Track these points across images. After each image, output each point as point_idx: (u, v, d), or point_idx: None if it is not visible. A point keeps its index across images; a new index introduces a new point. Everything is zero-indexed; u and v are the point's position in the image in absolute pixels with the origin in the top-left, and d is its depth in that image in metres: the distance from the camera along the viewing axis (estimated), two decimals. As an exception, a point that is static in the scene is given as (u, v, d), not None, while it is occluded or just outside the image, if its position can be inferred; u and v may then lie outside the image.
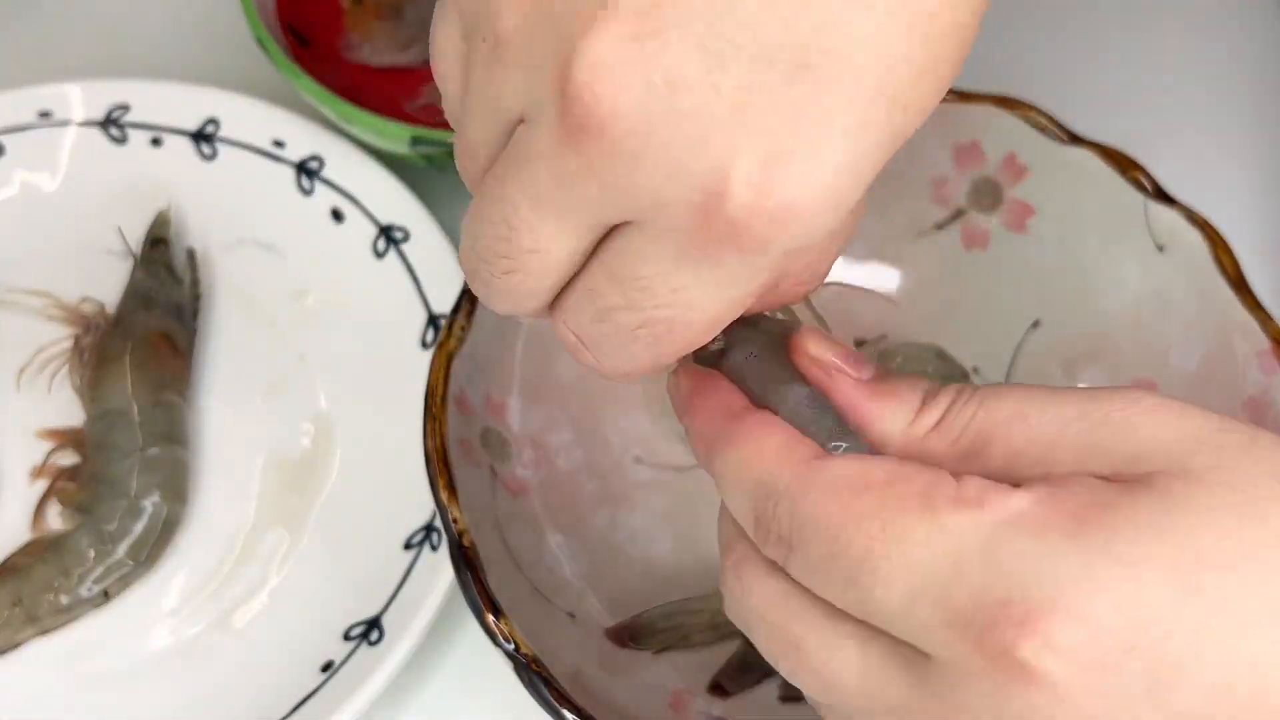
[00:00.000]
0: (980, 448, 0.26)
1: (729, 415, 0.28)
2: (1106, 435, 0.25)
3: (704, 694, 0.42)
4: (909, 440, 0.27)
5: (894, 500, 0.24)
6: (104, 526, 0.45)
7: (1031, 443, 0.25)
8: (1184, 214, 0.42)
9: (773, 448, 0.27)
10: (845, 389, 0.28)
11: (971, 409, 0.26)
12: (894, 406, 0.27)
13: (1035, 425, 0.25)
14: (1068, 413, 0.25)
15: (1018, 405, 0.26)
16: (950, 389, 0.27)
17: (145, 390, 0.47)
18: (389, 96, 0.55)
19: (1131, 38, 0.59)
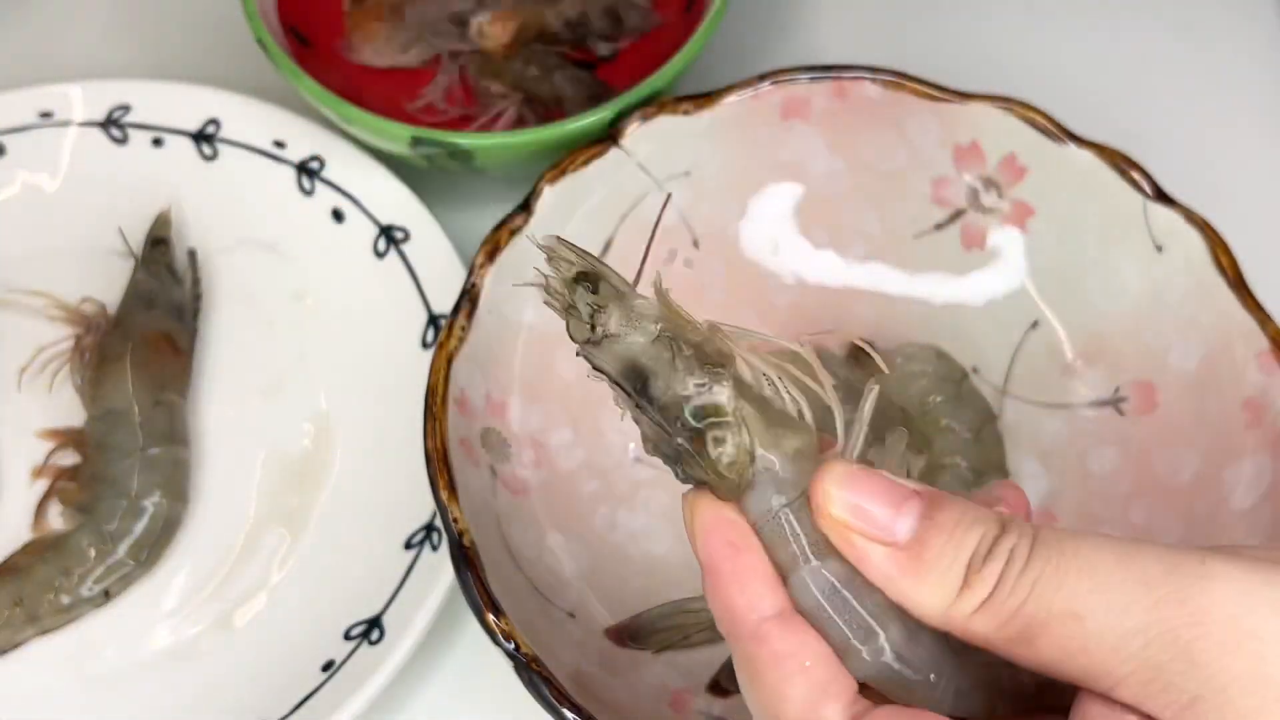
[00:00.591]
0: (1030, 638, 0.25)
1: (751, 609, 0.26)
2: (1167, 664, 0.24)
3: (703, 693, 0.42)
4: (952, 621, 0.25)
5: None
6: (105, 526, 0.45)
7: (1086, 652, 0.24)
8: (1183, 214, 0.42)
9: (796, 705, 0.25)
10: (877, 564, 0.26)
11: (1023, 592, 0.24)
12: (934, 583, 0.25)
13: (1092, 633, 0.24)
14: (1128, 624, 0.24)
15: (1072, 600, 0.24)
16: (1000, 556, 0.25)
17: (146, 390, 0.47)
18: (389, 97, 0.55)
19: (1131, 38, 0.59)
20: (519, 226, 0.43)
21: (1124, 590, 0.24)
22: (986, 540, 0.25)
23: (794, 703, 0.25)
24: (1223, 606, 0.23)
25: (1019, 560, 0.25)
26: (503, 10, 0.55)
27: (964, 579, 0.25)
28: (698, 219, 0.47)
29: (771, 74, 0.46)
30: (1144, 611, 0.24)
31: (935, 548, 0.25)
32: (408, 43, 0.57)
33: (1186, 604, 0.24)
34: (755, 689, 0.26)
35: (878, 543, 0.25)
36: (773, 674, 0.26)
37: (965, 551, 0.25)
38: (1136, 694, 0.24)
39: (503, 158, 0.49)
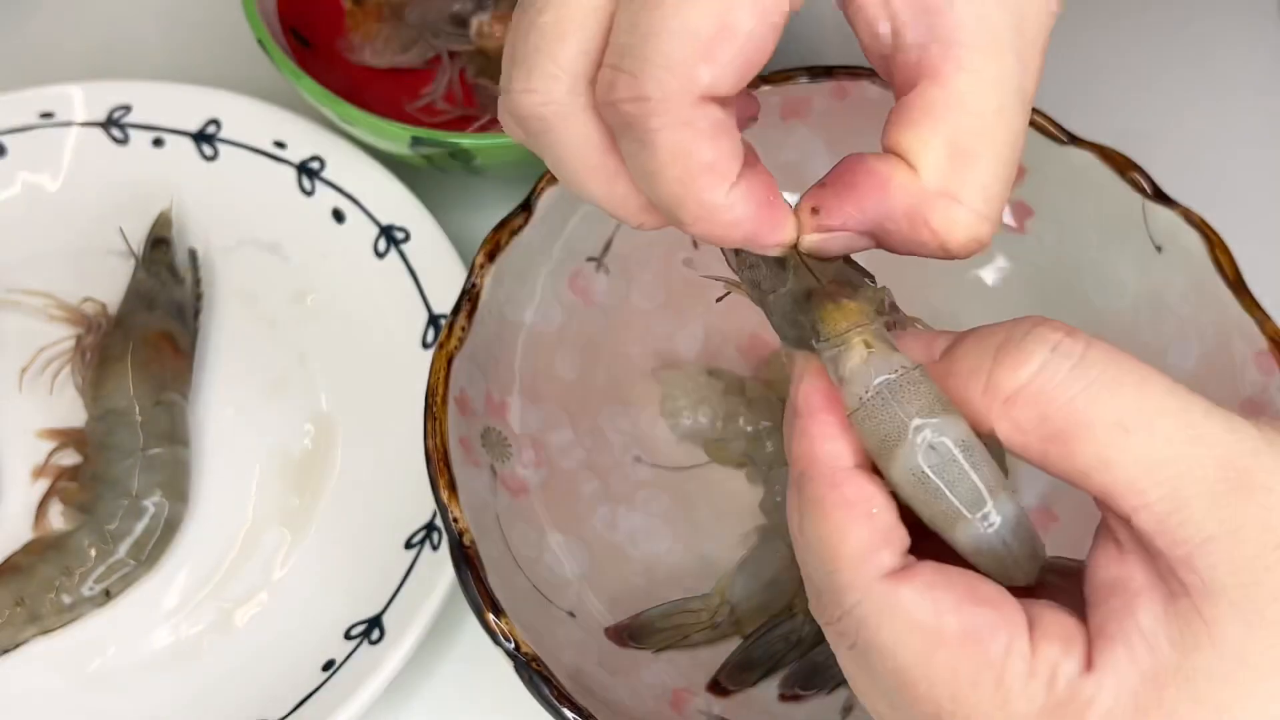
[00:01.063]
0: (1069, 439, 0.25)
1: (833, 455, 0.28)
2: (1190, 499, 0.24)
3: (704, 693, 0.42)
4: (991, 411, 0.26)
5: (966, 668, 0.25)
6: (105, 526, 0.46)
7: (1123, 466, 0.25)
8: (1182, 214, 0.42)
9: (851, 548, 0.27)
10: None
11: (1073, 389, 0.25)
12: (963, 376, 0.27)
13: (1133, 448, 0.25)
14: (1167, 451, 0.25)
15: (1123, 411, 0.25)
16: (1040, 340, 0.26)
17: (147, 390, 0.47)
18: (390, 97, 0.55)
19: (1131, 38, 0.59)
20: (519, 226, 0.43)
21: (1170, 419, 0.25)
22: (1023, 325, 0.26)
23: (854, 542, 0.27)
24: (1243, 456, 0.25)
25: (1070, 355, 0.25)
26: (503, 10, 0.55)
27: (996, 357, 0.26)
28: (697, 219, 0.47)
29: (771, 75, 0.46)
30: (1183, 443, 0.25)
31: (967, 343, 0.27)
32: (408, 43, 0.57)
33: (1216, 447, 0.25)
34: (818, 527, 0.27)
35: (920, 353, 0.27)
36: (839, 514, 0.27)
37: (998, 336, 0.26)
38: (1156, 520, 0.25)
39: (503, 158, 0.49)
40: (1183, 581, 0.25)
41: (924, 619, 0.25)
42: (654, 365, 0.47)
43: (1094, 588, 0.26)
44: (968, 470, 0.27)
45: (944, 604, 0.25)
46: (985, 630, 0.25)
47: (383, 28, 0.57)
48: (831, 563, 0.27)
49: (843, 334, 0.28)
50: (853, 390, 0.27)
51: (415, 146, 0.48)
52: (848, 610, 0.27)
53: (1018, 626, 0.25)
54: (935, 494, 0.27)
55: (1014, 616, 0.25)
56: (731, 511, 0.45)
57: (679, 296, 0.48)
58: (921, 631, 0.25)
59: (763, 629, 0.42)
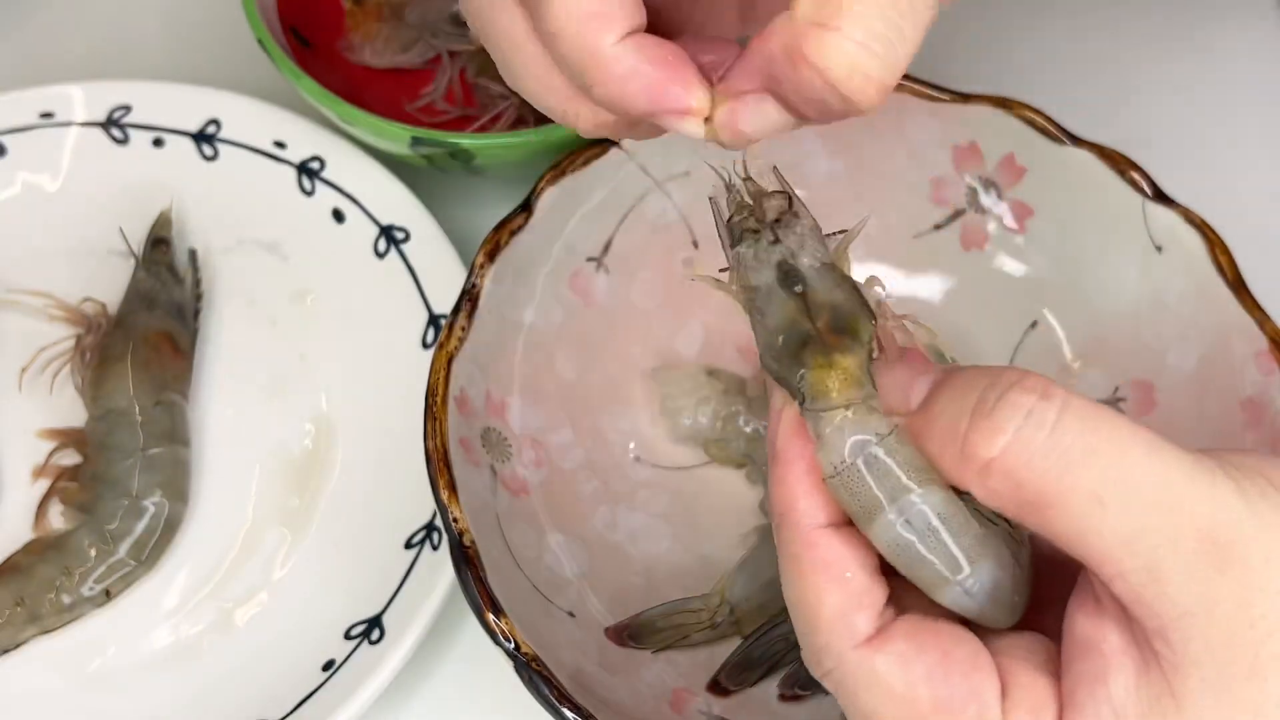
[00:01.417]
0: (1045, 507, 0.25)
1: (809, 513, 0.28)
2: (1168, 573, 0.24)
3: (703, 693, 0.42)
4: (964, 476, 0.26)
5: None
6: (105, 526, 0.46)
7: (1100, 537, 0.25)
8: (1182, 215, 0.42)
9: (830, 611, 0.27)
10: None
11: (1044, 464, 0.25)
12: (941, 430, 0.26)
13: (1110, 520, 0.25)
14: (1145, 521, 0.24)
15: (1099, 484, 0.25)
16: (1013, 405, 0.25)
17: (147, 390, 0.47)
18: (390, 97, 0.55)
19: (1131, 38, 0.59)
20: (519, 226, 0.43)
21: (1147, 490, 0.25)
22: (997, 387, 0.26)
23: (828, 607, 0.27)
24: (1223, 529, 0.24)
25: (1044, 425, 0.25)
26: (503, 10, 0.55)
27: (970, 422, 0.25)
28: (698, 219, 0.47)
29: (771, 74, 0.46)
30: (1161, 515, 0.24)
31: (943, 399, 0.26)
32: (408, 43, 0.57)
33: (1195, 518, 0.24)
34: (795, 587, 0.28)
35: (894, 414, 0.27)
36: (815, 578, 0.27)
37: (971, 397, 0.26)
38: (1133, 592, 0.25)
39: (503, 158, 0.49)
40: (1156, 652, 0.25)
41: (898, 690, 0.26)
42: (654, 365, 0.47)
43: (1070, 641, 0.26)
44: (946, 540, 0.27)
45: (916, 674, 0.26)
46: (956, 701, 0.26)
47: (383, 28, 0.57)
48: (810, 624, 0.27)
49: (830, 406, 0.27)
50: (829, 457, 0.27)
51: (415, 146, 0.48)
52: (827, 672, 0.27)
53: (990, 695, 0.26)
54: (915, 561, 0.27)
55: (986, 684, 0.26)
56: (731, 511, 0.45)
57: (679, 296, 0.48)
58: (896, 702, 0.26)
59: (763, 629, 0.42)
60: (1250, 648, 0.24)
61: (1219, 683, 0.24)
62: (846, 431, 0.27)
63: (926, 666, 0.26)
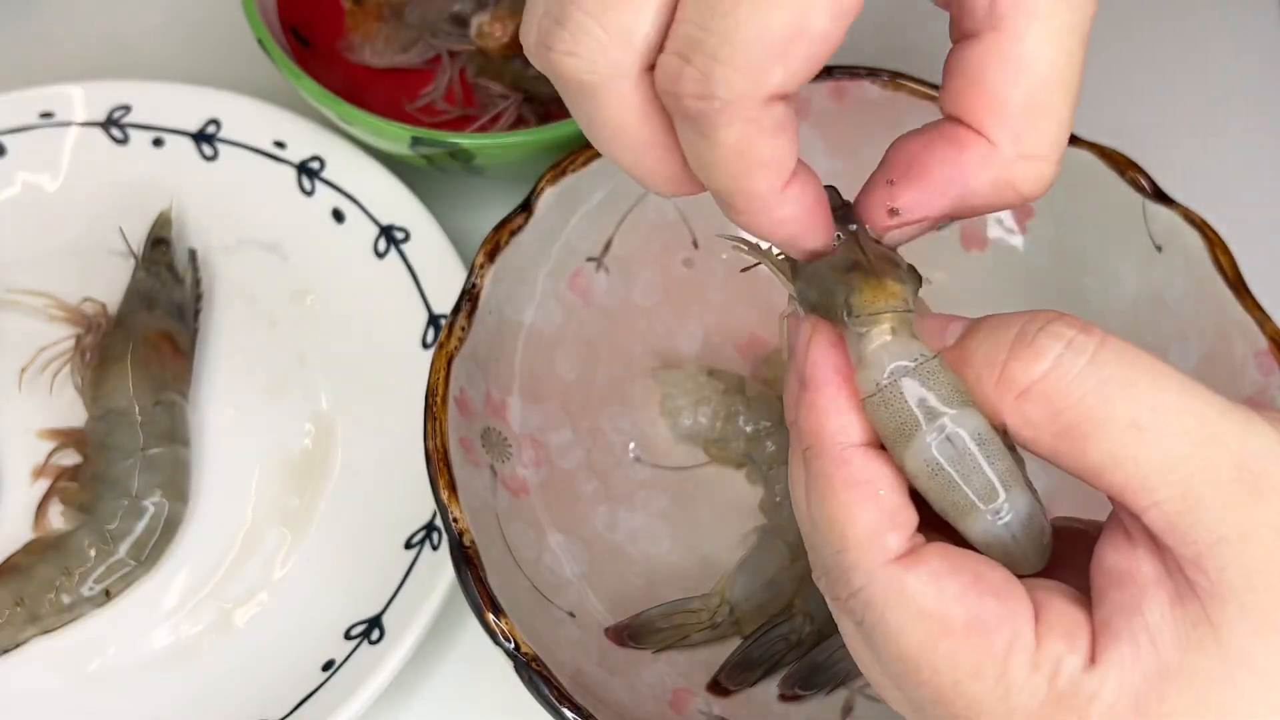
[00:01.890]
0: (1080, 437, 0.25)
1: (842, 431, 0.27)
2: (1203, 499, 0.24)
3: (703, 693, 0.42)
4: (1003, 403, 0.26)
5: (970, 658, 0.25)
6: (105, 526, 0.46)
7: (1135, 464, 0.25)
8: (1182, 214, 0.42)
9: (859, 529, 0.27)
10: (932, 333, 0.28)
11: (1084, 387, 0.25)
12: (976, 368, 0.26)
13: (1147, 447, 0.25)
14: (1181, 449, 0.25)
15: (1137, 410, 0.25)
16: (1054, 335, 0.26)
17: (147, 390, 0.47)
18: (390, 97, 0.55)
19: (1130, 38, 0.59)
20: (519, 226, 0.43)
21: (1183, 417, 0.25)
22: (1038, 320, 0.26)
23: (861, 525, 0.26)
24: (1258, 459, 0.24)
25: (1084, 351, 0.25)
26: (503, 10, 0.55)
27: (1010, 351, 0.26)
28: (698, 219, 0.47)
29: (771, 74, 0.46)
30: (1196, 443, 0.25)
31: (981, 333, 0.27)
32: (408, 43, 0.57)
33: (1230, 448, 0.24)
34: (825, 506, 0.27)
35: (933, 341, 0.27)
36: (846, 495, 0.27)
37: (1012, 329, 0.26)
38: (1167, 520, 0.25)
39: (503, 158, 0.49)
40: (1191, 581, 0.24)
41: (930, 607, 0.25)
42: (654, 365, 0.47)
43: (1101, 575, 0.26)
44: (982, 463, 0.27)
45: (949, 592, 0.25)
46: (990, 621, 0.25)
47: (383, 28, 0.57)
48: (839, 543, 0.27)
49: (877, 314, 0.27)
50: (869, 375, 0.27)
51: (415, 146, 0.48)
52: (854, 592, 0.27)
53: (1023, 618, 0.25)
54: (949, 485, 0.27)
55: (1020, 607, 0.25)
56: (731, 511, 0.45)
57: (679, 296, 0.48)
58: (927, 619, 0.25)
59: (763, 629, 0.42)
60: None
61: (1256, 610, 0.24)
62: (890, 353, 0.27)
63: (960, 586, 0.26)
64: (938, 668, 0.25)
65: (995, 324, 0.27)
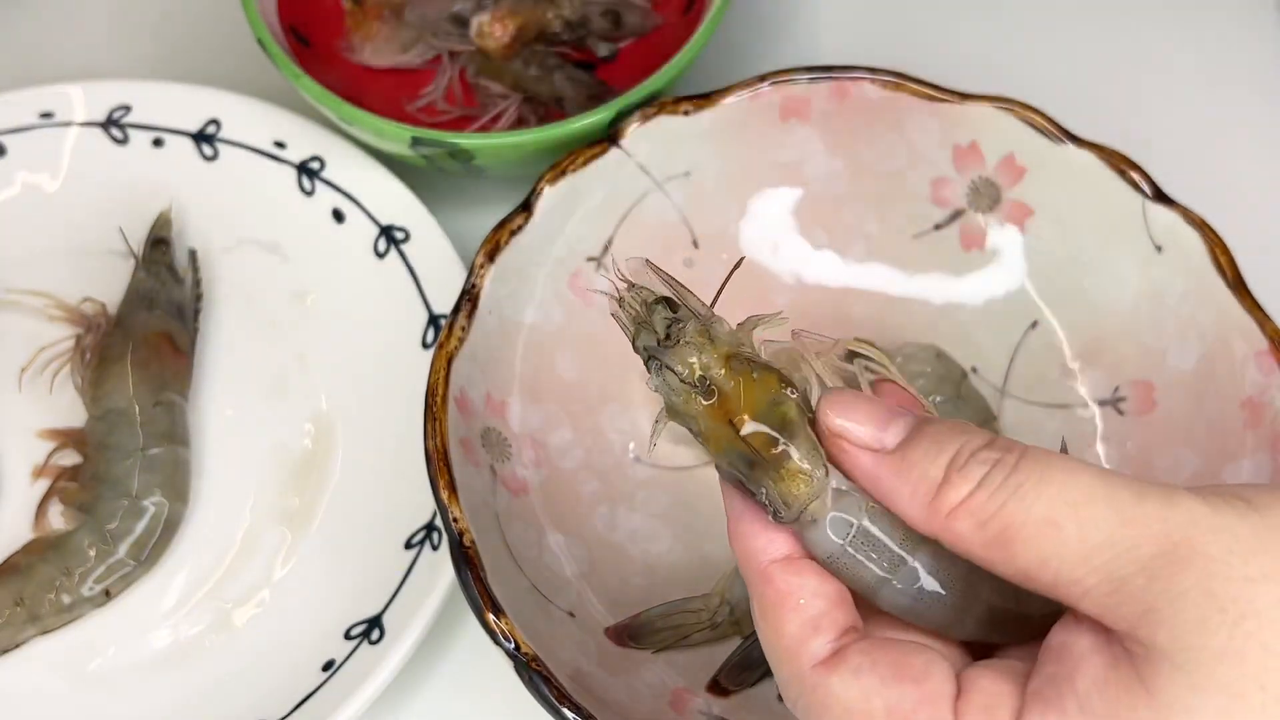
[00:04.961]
0: (1007, 543, 0.26)
1: (763, 551, 0.29)
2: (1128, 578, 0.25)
3: (703, 693, 0.42)
4: (935, 522, 0.27)
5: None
6: (105, 526, 0.46)
7: (1059, 559, 0.26)
8: (1182, 214, 0.42)
9: (788, 639, 0.28)
10: (864, 467, 0.28)
11: (1005, 495, 0.26)
12: (915, 478, 0.28)
13: (1066, 542, 0.26)
14: (1098, 537, 0.25)
15: (1051, 509, 0.26)
16: (984, 461, 0.27)
17: (147, 390, 0.47)
18: (390, 97, 0.55)
19: (1130, 38, 0.59)
20: (519, 226, 0.43)
21: (1098, 507, 0.26)
22: (969, 446, 0.27)
23: (787, 636, 0.28)
24: (1180, 530, 0.25)
25: (1005, 467, 0.27)
26: (503, 10, 0.55)
27: (945, 475, 0.27)
28: (698, 219, 0.47)
29: (771, 75, 0.46)
30: (1113, 528, 0.26)
31: (920, 449, 0.28)
32: (408, 43, 0.57)
33: (1150, 526, 0.25)
34: (762, 623, 0.29)
35: (868, 450, 0.28)
36: (774, 610, 0.29)
37: (947, 453, 0.27)
38: (1099, 605, 0.26)
39: (503, 158, 0.49)
40: (1128, 650, 0.25)
41: (853, 703, 0.27)
42: (654, 365, 0.47)
43: (1045, 651, 0.27)
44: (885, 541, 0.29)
45: (869, 687, 0.27)
46: (907, 708, 0.27)
47: (383, 28, 0.57)
48: (775, 655, 0.29)
49: (803, 504, 0.29)
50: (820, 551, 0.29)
51: (415, 146, 0.48)
52: (794, 701, 0.28)
53: (942, 698, 0.27)
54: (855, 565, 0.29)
55: (937, 689, 0.27)
56: (731, 511, 0.45)
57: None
58: (852, 716, 0.27)
59: (763, 629, 0.42)
60: (1223, 630, 0.24)
61: (1191, 667, 0.24)
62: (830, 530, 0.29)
63: (879, 677, 0.27)
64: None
65: (934, 443, 0.28)
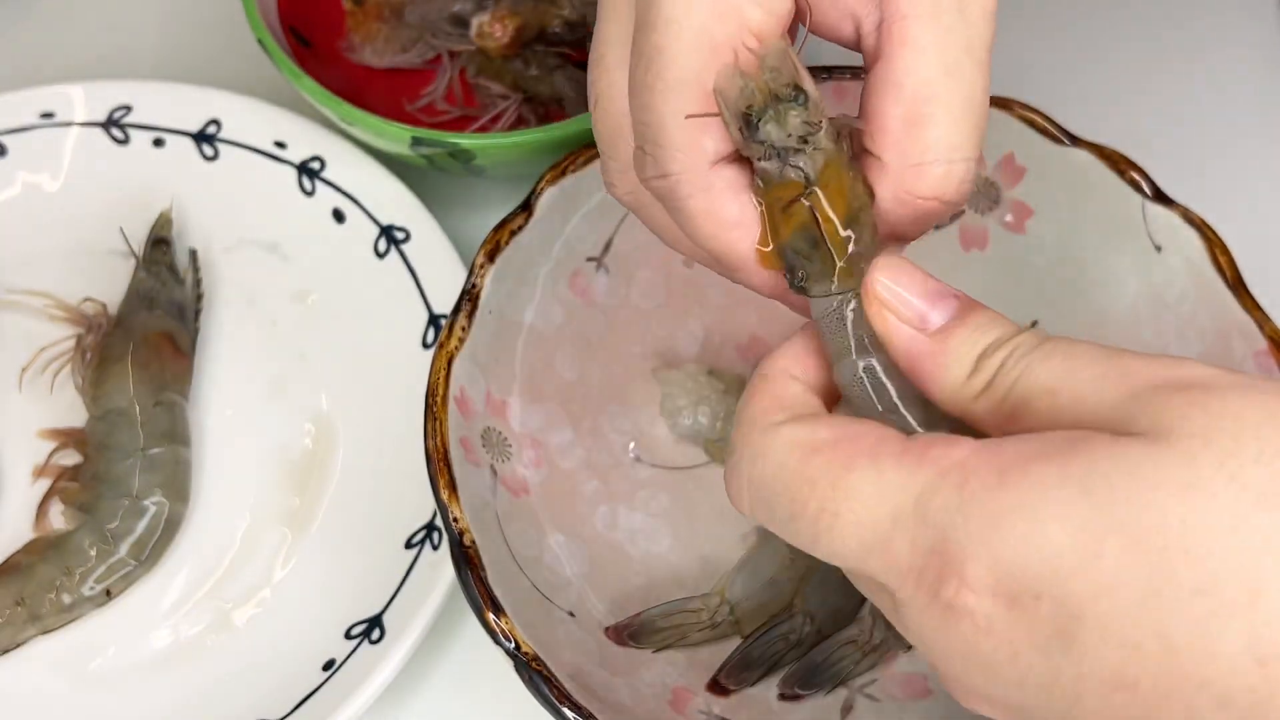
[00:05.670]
0: (1021, 412, 0.27)
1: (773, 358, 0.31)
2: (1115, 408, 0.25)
3: (703, 693, 0.42)
4: (959, 403, 0.28)
5: (841, 459, 0.27)
6: (106, 525, 0.46)
7: (1061, 417, 0.26)
8: (1181, 214, 0.42)
9: (744, 416, 0.30)
10: (903, 345, 0.29)
11: (1016, 373, 0.27)
12: (950, 366, 0.28)
13: (1065, 402, 0.26)
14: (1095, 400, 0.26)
15: (1053, 379, 0.27)
16: (1005, 345, 0.28)
17: (147, 390, 0.47)
18: (390, 97, 0.55)
19: (1129, 38, 0.59)
20: (519, 226, 0.43)
21: (1099, 373, 0.26)
22: (1002, 339, 0.28)
23: (755, 407, 0.30)
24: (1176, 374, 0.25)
25: (1022, 350, 0.27)
26: (503, 10, 0.55)
27: (974, 365, 0.28)
28: (697, 219, 0.47)
29: (771, 74, 0.46)
30: (1114, 390, 0.26)
31: (958, 337, 0.28)
32: (408, 43, 0.57)
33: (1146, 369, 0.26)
34: (745, 395, 0.30)
35: (910, 325, 0.29)
36: (749, 398, 0.30)
37: (981, 344, 0.28)
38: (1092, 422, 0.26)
39: (503, 158, 0.49)
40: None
41: (801, 440, 0.28)
42: (654, 365, 0.47)
43: None
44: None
45: (820, 426, 0.28)
46: (856, 434, 0.27)
47: (383, 28, 0.57)
48: (736, 428, 0.30)
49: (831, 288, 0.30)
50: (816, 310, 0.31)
51: (415, 146, 0.48)
52: (740, 468, 0.29)
53: (890, 432, 0.27)
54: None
55: (887, 430, 0.27)
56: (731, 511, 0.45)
57: (679, 296, 0.48)
58: (800, 449, 0.27)
59: (762, 629, 0.42)
60: (1199, 419, 0.24)
61: (1161, 437, 0.24)
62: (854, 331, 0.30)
63: (829, 422, 0.28)
64: (813, 477, 0.27)
65: (971, 333, 0.29)
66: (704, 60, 0.29)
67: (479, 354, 0.42)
